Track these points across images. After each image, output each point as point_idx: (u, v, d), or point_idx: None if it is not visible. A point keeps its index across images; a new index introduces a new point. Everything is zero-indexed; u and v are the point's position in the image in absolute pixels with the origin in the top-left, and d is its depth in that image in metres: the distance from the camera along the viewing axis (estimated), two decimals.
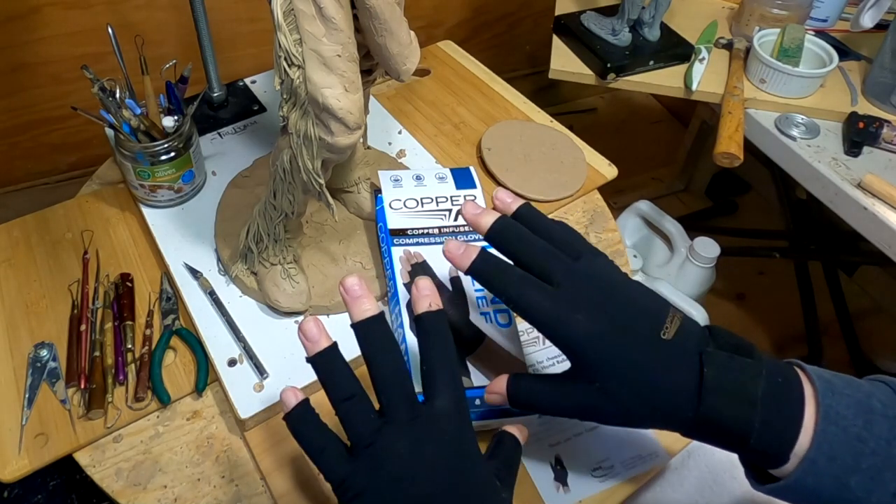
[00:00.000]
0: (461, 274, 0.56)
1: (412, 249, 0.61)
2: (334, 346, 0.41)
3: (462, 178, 0.68)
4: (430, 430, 0.39)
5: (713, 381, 0.39)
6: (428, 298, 0.42)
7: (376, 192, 0.67)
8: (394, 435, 0.38)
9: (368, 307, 0.40)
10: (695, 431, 0.41)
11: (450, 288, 0.59)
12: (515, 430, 0.48)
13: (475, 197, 0.66)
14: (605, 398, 0.41)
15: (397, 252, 0.60)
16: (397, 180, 0.66)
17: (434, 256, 0.61)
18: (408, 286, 0.59)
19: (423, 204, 0.64)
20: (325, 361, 0.40)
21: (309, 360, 0.41)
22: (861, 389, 0.40)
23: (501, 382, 0.45)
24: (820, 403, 0.39)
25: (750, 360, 0.40)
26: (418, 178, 0.67)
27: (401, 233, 0.62)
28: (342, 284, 0.41)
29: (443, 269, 0.60)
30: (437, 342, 0.41)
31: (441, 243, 0.61)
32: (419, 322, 0.42)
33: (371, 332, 0.40)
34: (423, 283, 0.42)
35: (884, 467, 0.37)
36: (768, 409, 0.39)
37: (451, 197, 0.66)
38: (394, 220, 0.63)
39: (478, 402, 0.53)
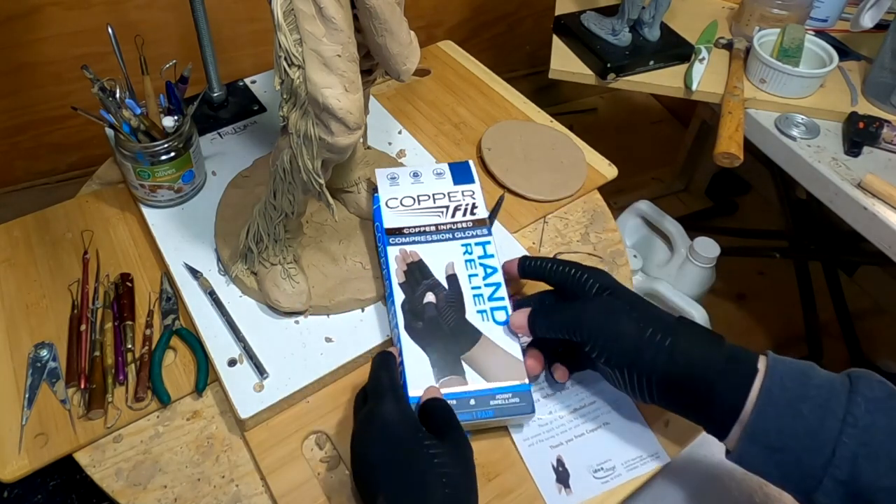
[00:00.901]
0: (457, 272, 0.58)
1: (408, 248, 0.61)
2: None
3: (460, 173, 0.67)
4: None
5: (685, 321, 0.49)
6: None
7: (373, 190, 0.66)
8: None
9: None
10: (666, 378, 0.47)
11: (446, 287, 0.59)
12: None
13: (473, 192, 0.65)
14: (610, 304, 0.51)
15: (393, 251, 0.60)
16: (394, 178, 0.66)
17: (431, 254, 0.60)
18: (403, 286, 0.58)
19: (419, 201, 0.64)
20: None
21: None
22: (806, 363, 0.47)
23: (523, 317, 0.55)
24: (769, 356, 0.46)
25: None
26: (415, 174, 0.66)
27: (397, 231, 0.61)
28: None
29: (439, 266, 0.60)
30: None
31: (438, 241, 0.61)
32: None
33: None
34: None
35: (829, 396, 0.43)
36: (731, 345, 0.47)
37: (449, 193, 0.65)
38: (390, 219, 0.62)
39: (472, 402, 0.53)
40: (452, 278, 0.59)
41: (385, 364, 0.53)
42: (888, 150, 0.85)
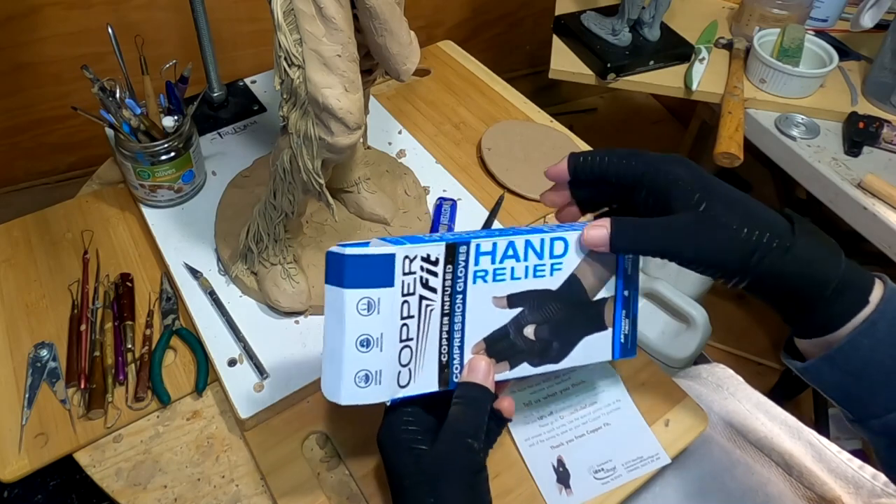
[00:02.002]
0: (508, 293, 0.47)
1: (469, 356, 0.46)
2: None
3: (374, 275, 0.42)
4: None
5: (805, 225, 0.43)
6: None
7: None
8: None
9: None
10: (776, 273, 0.42)
11: (520, 308, 0.47)
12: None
13: (407, 256, 0.43)
14: (709, 221, 0.42)
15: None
16: (366, 377, 0.43)
17: (476, 323, 0.46)
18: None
19: (409, 338, 0.44)
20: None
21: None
22: None
23: (602, 232, 0.44)
24: (887, 285, 0.42)
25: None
26: (365, 342, 0.42)
27: (445, 372, 0.45)
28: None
29: (494, 314, 0.46)
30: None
31: (459, 313, 0.45)
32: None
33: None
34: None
35: None
36: (849, 264, 0.42)
37: (405, 293, 0.43)
38: (425, 382, 0.44)
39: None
40: (512, 298, 0.47)
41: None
42: (888, 150, 0.85)
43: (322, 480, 0.53)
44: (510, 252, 0.46)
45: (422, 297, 0.43)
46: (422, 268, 0.43)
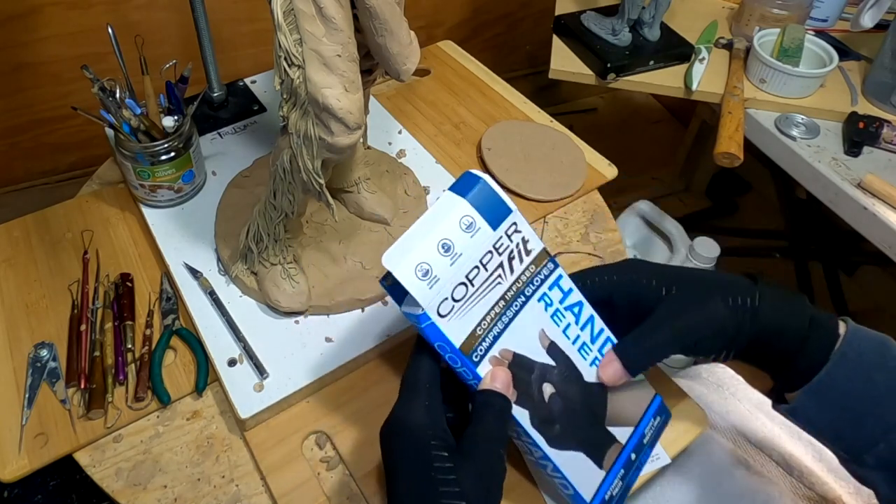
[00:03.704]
0: (554, 336, 0.47)
1: (495, 354, 0.44)
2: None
3: (490, 210, 0.44)
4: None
5: (764, 280, 0.47)
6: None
7: (397, 294, 0.43)
8: None
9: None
10: (756, 331, 0.45)
11: (553, 363, 0.46)
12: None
13: (516, 224, 0.45)
14: (685, 299, 0.46)
15: (485, 370, 0.43)
16: (426, 272, 0.41)
17: (517, 336, 0.45)
18: (518, 401, 0.45)
19: (472, 283, 0.43)
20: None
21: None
22: (882, 335, 0.47)
23: (616, 367, 0.47)
24: (849, 323, 0.46)
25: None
26: (446, 247, 0.42)
27: (472, 342, 0.43)
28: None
29: (534, 344, 0.46)
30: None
31: (516, 313, 0.45)
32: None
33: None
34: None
35: None
36: (813, 315, 0.45)
37: (495, 247, 0.44)
38: (455, 332, 0.42)
39: (633, 456, 0.50)
40: (553, 347, 0.47)
41: (421, 356, 0.43)
42: (888, 150, 0.85)
43: (322, 480, 0.53)
44: (576, 310, 0.48)
45: (500, 266, 0.45)
46: (517, 245, 0.45)
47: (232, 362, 0.58)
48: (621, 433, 0.49)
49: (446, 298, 0.42)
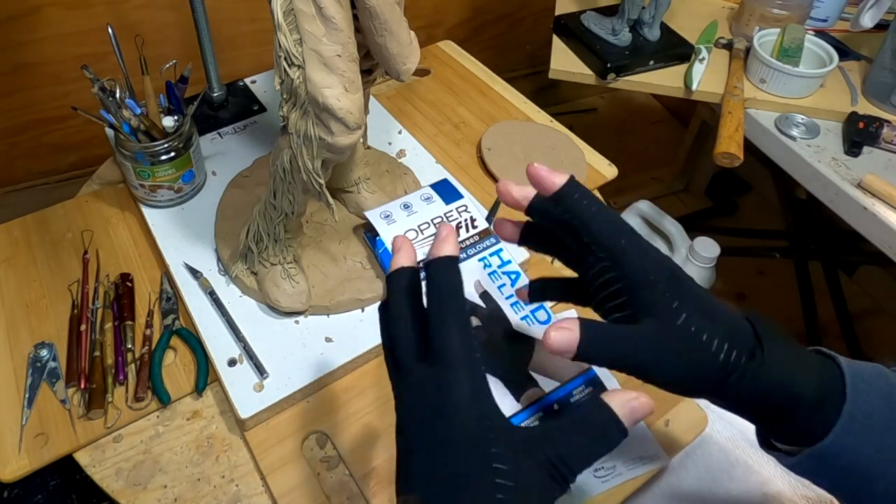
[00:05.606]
0: (487, 287, 0.55)
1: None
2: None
3: (446, 192, 0.67)
4: (410, 383, 0.36)
5: (768, 329, 0.39)
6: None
7: (370, 234, 0.63)
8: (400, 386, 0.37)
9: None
10: (751, 391, 0.38)
11: (483, 304, 0.56)
12: (626, 399, 0.38)
13: (466, 206, 0.65)
14: (687, 336, 0.37)
15: None
16: (388, 216, 0.64)
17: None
18: None
19: (422, 232, 0.62)
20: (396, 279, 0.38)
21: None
22: (877, 367, 0.40)
23: (569, 337, 0.37)
24: (847, 377, 0.39)
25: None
26: (406, 206, 0.65)
27: None
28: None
29: (469, 288, 0.57)
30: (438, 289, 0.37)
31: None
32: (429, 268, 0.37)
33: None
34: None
35: None
36: (820, 376, 0.38)
37: (445, 214, 0.64)
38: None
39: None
40: (485, 295, 0.57)
41: (453, 302, 0.36)
42: (888, 149, 0.85)
43: (322, 480, 0.53)
44: (513, 276, 0.59)
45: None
46: (465, 220, 0.64)
47: (232, 362, 0.58)
48: (546, 383, 0.52)
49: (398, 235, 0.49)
